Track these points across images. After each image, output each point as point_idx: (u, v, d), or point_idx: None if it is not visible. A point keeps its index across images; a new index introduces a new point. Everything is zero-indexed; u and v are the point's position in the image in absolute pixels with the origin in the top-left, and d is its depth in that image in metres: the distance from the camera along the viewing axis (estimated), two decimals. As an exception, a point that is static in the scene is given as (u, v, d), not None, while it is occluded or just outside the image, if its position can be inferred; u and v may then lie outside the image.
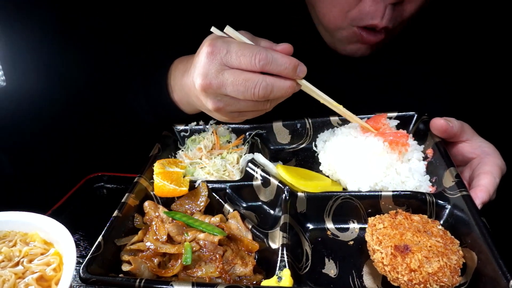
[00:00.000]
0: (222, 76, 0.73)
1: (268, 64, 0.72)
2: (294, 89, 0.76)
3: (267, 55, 0.72)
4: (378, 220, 0.72)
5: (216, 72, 0.74)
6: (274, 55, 0.72)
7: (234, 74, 0.73)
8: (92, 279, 0.67)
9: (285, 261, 0.68)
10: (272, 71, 0.73)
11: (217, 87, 0.74)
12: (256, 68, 0.72)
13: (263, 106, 0.78)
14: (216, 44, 0.74)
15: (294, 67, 0.74)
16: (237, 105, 0.77)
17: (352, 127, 0.96)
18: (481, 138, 0.85)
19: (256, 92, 0.72)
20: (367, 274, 0.71)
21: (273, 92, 0.74)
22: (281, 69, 0.73)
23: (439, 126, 0.83)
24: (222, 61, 0.73)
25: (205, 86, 0.75)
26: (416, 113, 0.95)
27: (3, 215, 0.76)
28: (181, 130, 1.05)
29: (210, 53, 0.74)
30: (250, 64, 0.72)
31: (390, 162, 0.84)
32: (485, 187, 0.74)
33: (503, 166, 0.79)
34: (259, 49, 0.72)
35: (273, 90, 0.73)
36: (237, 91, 0.73)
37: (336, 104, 0.85)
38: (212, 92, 0.76)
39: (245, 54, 0.72)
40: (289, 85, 0.75)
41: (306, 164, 0.98)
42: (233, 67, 0.73)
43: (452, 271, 0.62)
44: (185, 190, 0.84)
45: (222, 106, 0.78)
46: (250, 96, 0.73)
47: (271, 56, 0.72)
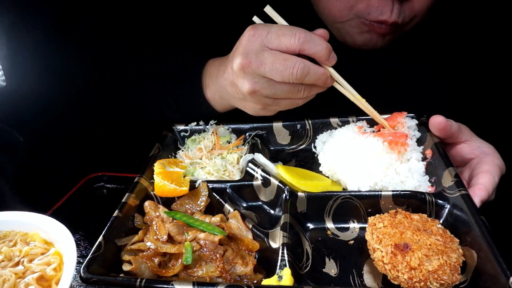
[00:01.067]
0: (262, 55, 0.76)
1: (307, 42, 0.75)
2: (327, 77, 0.79)
3: (306, 34, 0.75)
4: (378, 219, 0.72)
5: (256, 52, 0.77)
6: (313, 35, 0.76)
7: (274, 54, 0.76)
8: (93, 279, 0.66)
9: (285, 260, 0.68)
10: (310, 50, 0.76)
11: (256, 66, 0.77)
12: (296, 46, 0.75)
13: (297, 94, 0.80)
14: (258, 27, 0.78)
15: (330, 50, 0.77)
16: (273, 89, 0.79)
17: (351, 128, 0.96)
18: (479, 139, 0.86)
19: (295, 72, 0.75)
20: (367, 273, 0.71)
21: (309, 75, 0.76)
22: (318, 48, 0.76)
23: (437, 124, 0.84)
24: (263, 42, 0.77)
25: (244, 65, 0.78)
26: (415, 115, 0.95)
27: (3, 215, 0.76)
28: (181, 130, 1.05)
29: (252, 35, 0.78)
30: (290, 43, 0.75)
31: (390, 162, 0.84)
32: (483, 186, 0.74)
33: (502, 166, 0.80)
34: (298, 29, 0.76)
35: (310, 72, 0.76)
36: (276, 70, 0.76)
37: (359, 97, 0.87)
38: (251, 72, 0.78)
39: (285, 33, 0.75)
40: (323, 71, 0.78)
41: (306, 164, 0.98)
42: (274, 48, 0.76)
43: (452, 269, 0.62)
44: (185, 190, 0.85)
45: (258, 89, 0.80)
46: (288, 75, 0.76)
47: (310, 36, 0.75)
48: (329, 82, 0.81)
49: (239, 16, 0.86)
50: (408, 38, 1.04)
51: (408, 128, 0.90)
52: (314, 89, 0.82)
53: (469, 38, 1.06)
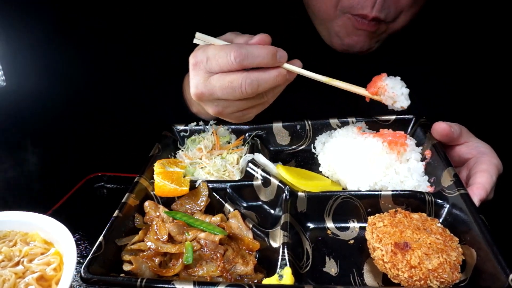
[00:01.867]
0: (209, 83, 0.76)
1: (245, 59, 0.72)
2: (284, 76, 0.77)
3: (240, 51, 0.72)
4: (378, 218, 0.73)
5: (203, 81, 0.77)
6: (248, 48, 0.73)
7: (219, 78, 0.75)
8: (93, 279, 0.66)
9: (286, 259, 0.68)
10: (252, 65, 0.74)
11: (208, 95, 0.77)
12: (235, 67, 0.73)
13: (260, 100, 0.80)
14: (197, 54, 0.77)
15: (273, 54, 0.74)
16: (234, 106, 0.80)
17: (350, 128, 0.97)
18: (477, 139, 0.86)
19: (244, 91, 0.74)
20: (367, 272, 0.72)
21: (261, 86, 0.75)
22: (259, 60, 0.73)
23: (441, 130, 0.84)
24: (206, 69, 0.76)
25: (198, 96, 0.79)
26: (414, 116, 0.96)
27: (3, 215, 0.76)
28: (181, 130, 1.05)
29: (194, 65, 0.77)
30: (229, 64, 0.73)
31: (389, 162, 0.85)
32: (482, 185, 0.75)
33: (499, 165, 0.80)
34: (232, 47, 0.73)
35: (260, 83, 0.74)
36: (226, 94, 0.75)
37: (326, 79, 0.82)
38: (206, 99, 0.79)
39: (221, 56, 0.73)
40: (275, 74, 0.75)
41: (305, 165, 0.98)
42: (217, 71, 0.75)
43: (452, 268, 0.62)
44: (185, 190, 0.85)
45: (221, 110, 0.81)
46: (240, 95, 0.75)
47: (245, 51, 0.72)
48: (290, 78, 0.79)
49: (236, 18, 0.86)
50: (406, 39, 1.05)
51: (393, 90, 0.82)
52: (276, 89, 0.80)
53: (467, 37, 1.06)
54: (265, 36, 0.76)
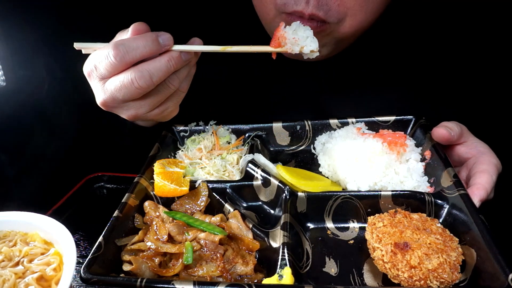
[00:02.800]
0: (106, 90, 0.74)
1: (125, 55, 0.69)
2: (177, 59, 0.73)
3: (118, 48, 0.69)
4: (377, 218, 0.73)
5: (101, 89, 0.75)
6: (126, 43, 0.69)
7: (112, 81, 0.73)
8: (93, 279, 0.66)
9: (286, 259, 0.68)
10: (136, 58, 0.70)
11: (111, 100, 0.75)
12: (120, 66, 0.70)
13: (168, 91, 0.76)
14: (86, 65, 0.75)
15: (153, 41, 0.70)
16: (144, 105, 0.76)
17: (350, 129, 0.97)
18: (476, 138, 0.86)
19: (138, 85, 0.71)
20: (367, 272, 0.72)
21: (154, 76, 0.71)
22: (140, 51, 0.70)
23: (441, 136, 0.83)
24: (98, 77, 0.74)
25: (104, 105, 0.77)
26: (414, 117, 0.96)
27: (3, 215, 0.76)
28: (181, 130, 1.05)
29: (88, 76, 0.76)
30: (113, 65, 0.70)
31: (389, 162, 0.85)
32: (482, 185, 0.75)
33: (499, 164, 0.81)
34: (109, 47, 0.70)
35: (152, 74, 0.71)
36: (125, 94, 0.73)
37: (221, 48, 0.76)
38: (113, 106, 0.77)
39: (102, 60, 0.71)
40: (166, 60, 0.72)
41: (305, 165, 0.99)
42: (107, 76, 0.73)
43: (452, 268, 0.62)
44: (185, 190, 0.85)
45: (134, 113, 0.78)
46: (137, 92, 0.72)
47: (123, 46, 0.69)
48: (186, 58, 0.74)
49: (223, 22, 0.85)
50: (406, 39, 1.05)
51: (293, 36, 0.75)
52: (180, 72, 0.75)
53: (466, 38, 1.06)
54: (139, 25, 0.72)
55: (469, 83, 1.08)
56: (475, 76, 1.08)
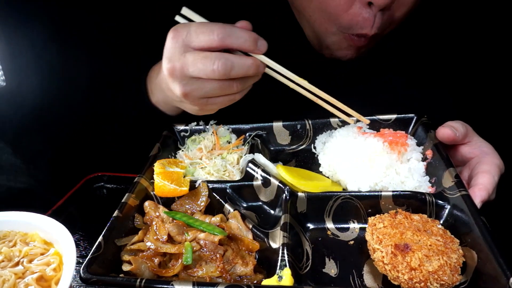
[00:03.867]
0: (184, 57, 0.75)
1: (227, 37, 0.72)
2: (257, 67, 0.76)
3: (225, 29, 0.72)
4: (378, 219, 0.72)
5: (179, 54, 0.75)
6: (232, 28, 0.73)
7: (195, 54, 0.74)
8: (93, 279, 0.66)
9: (285, 260, 0.68)
10: (232, 45, 0.74)
11: (180, 69, 0.75)
12: (216, 42, 0.73)
13: (230, 89, 0.78)
14: (178, 28, 0.76)
15: (254, 39, 0.74)
16: (203, 88, 0.78)
17: (351, 128, 0.96)
18: (480, 138, 0.85)
19: (216, 69, 0.73)
20: (367, 273, 0.71)
21: (234, 69, 0.74)
22: (240, 41, 0.73)
23: (446, 136, 0.83)
24: (184, 42, 0.75)
25: (170, 70, 0.77)
26: (415, 115, 0.95)
27: (3, 215, 0.76)
28: (181, 130, 1.05)
29: (172, 38, 0.76)
30: (209, 39, 0.72)
31: (390, 162, 0.84)
32: (484, 186, 0.74)
33: (502, 166, 0.80)
34: (216, 24, 0.73)
35: (234, 66, 0.74)
36: (198, 69, 0.74)
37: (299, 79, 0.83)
38: (178, 75, 0.77)
39: (203, 31, 0.73)
40: (250, 62, 0.75)
41: (306, 165, 0.98)
42: (195, 47, 0.74)
43: (452, 270, 0.62)
44: (185, 190, 0.84)
45: (189, 91, 0.79)
46: (211, 73, 0.73)
47: (230, 29, 0.73)
48: (261, 69, 0.78)
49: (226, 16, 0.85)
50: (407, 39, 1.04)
51: None
52: (248, 80, 0.79)
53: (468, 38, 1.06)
54: (246, 23, 0.76)
55: (473, 82, 1.07)
56: (479, 75, 1.07)
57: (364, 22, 0.89)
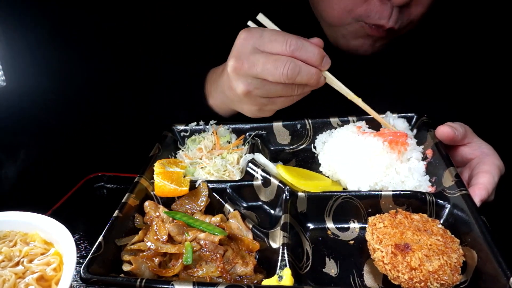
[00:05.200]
0: (253, 57, 0.78)
1: (298, 50, 0.76)
2: (319, 78, 0.81)
3: (297, 41, 0.77)
4: (378, 219, 0.72)
5: (249, 54, 0.79)
6: (304, 42, 0.77)
7: (266, 55, 0.78)
8: (93, 279, 0.66)
9: (285, 260, 0.68)
10: (301, 57, 0.77)
11: (248, 67, 0.79)
12: (287, 53, 0.77)
13: (291, 91, 0.82)
14: (252, 30, 0.80)
15: (321, 56, 0.79)
16: (266, 89, 0.81)
17: (351, 128, 0.96)
18: (480, 139, 0.86)
19: (285, 72, 0.76)
20: (367, 273, 0.71)
21: (300, 74, 0.78)
22: (309, 55, 0.78)
23: (445, 134, 0.84)
24: (255, 44, 0.79)
25: (237, 67, 0.80)
26: (415, 114, 0.95)
27: (3, 215, 0.76)
28: (181, 130, 1.05)
29: (245, 38, 0.79)
30: (281, 49, 0.77)
31: (390, 162, 0.84)
32: (483, 185, 0.74)
33: (502, 166, 0.80)
34: (290, 36, 0.77)
35: (301, 72, 0.77)
36: (267, 70, 0.77)
37: (355, 96, 0.88)
38: (244, 73, 0.80)
39: (277, 39, 0.77)
40: (315, 70, 0.79)
41: (306, 164, 0.98)
42: (265, 51, 0.78)
43: (453, 269, 0.62)
44: (185, 190, 0.84)
45: (252, 89, 0.82)
46: (279, 75, 0.77)
47: (302, 43, 0.77)
48: (322, 82, 0.82)
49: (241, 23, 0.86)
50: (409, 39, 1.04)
51: None
52: (307, 87, 0.83)
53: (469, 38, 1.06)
54: (319, 41, 0.81)
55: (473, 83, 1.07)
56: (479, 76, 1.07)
57: (382, 12, 0.92)
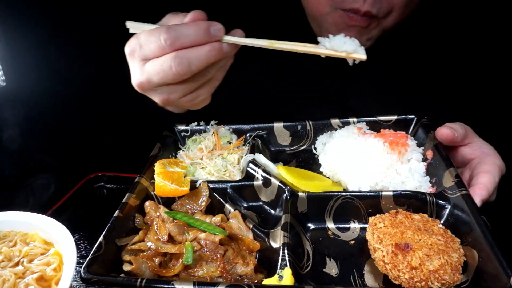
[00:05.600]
0: (145, 71, 0.74)
1: (176, 40, 0.70)
2: (218, 50, 0.73)
3: (170, 32, 0.70)
4: (378, 219, 0.72)
5: (139, 70, 0.75)
6: (178, 29, 0.70)
7: (152, 64, 0.73)
8: (93, 279, 0.66)
9: (286, 260, 0.68)
10: (185, 44, 0.71)
11: (147, 82, 0.75)
12: (168, 49, 0.71)
13: (204, 79, 0.77)
14: (131, 43, 0.75)
15: (205, 30, 0.71)
16: (178, 91, 0.77)
17: (351, 129, 0.96)
18: (480, 139, 0.86)
19: (176, 72, 0.71)
20: (368, 273, 0.71)
21: (193, 64, 0.71)
22: (191, 38, 0.70)
23: (444, 136, 0.83)
24: (140, 57, 0.74)
25: (139, 86, 0.77)
26: (415, 116, 0.96)
27: (3, 215, 0.76)
28: (182, 130, 1.05)
29: (129, 54, 0.75)
30: (161, 48, 0.71)
31: (390, 162, 0.85)
32: (484, 185, 0.74)
33: (502, 166, 0.80)
34: (161, 30, 0.70)
35: (191, 62, 0.71)
36: (162, 78, 0.73)
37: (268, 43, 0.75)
38: (148, 88, 0.77)
39: (151, 41, 0.71)
40: (207, 49, 0.72)
41: (306, 165, 0.98)
42: (150, 57, 0.73)
43: (453, 269, 0.62)
44: (186, 190, 0.84)
45: (166, 97, 0.78)
46: (174, 77, 0.72)
47: (175, 32, 0.70)
48: (226, 50, 0.74)
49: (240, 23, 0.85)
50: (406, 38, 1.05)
51: None
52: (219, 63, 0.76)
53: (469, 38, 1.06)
54: (198, 13, 0.73)
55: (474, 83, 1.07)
56: (479, 76, 1.07)
57: None
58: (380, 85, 1.09)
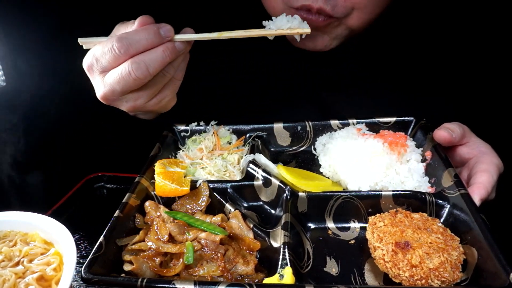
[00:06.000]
0: (106, 82, 0.76)
1: (129, 47, 0.72)
2: (172, 49, 0.75)
3: (122, 41, 0.71)
4: (378, 218, 0.73)
5: (101, 82, 0.76)
6: (129, 36, 0.72)
7: (111, 74, 0.74)
8: (94, 279, 0.66)
9: (286, 259, 0.68)
10: (139, 50, 0.73)
11: (110, 93, 0.76)
12: (123, 57, 0.72)
13: (164, 80, 0.78)
14: (87, 59, 0.77)
15: (155, 33, 0.73)
16: (142, 96, 0.78)
17: (350, 130, 0.97)
18: (478, 138, 0.87)
19: (135, 77, 0.73)
20: (368, 272, 0.72)
21: (150, 66, 0.73)
22: (143, 43, 0.72)
23: (442, 138, 0.84)
24: (99, 70, 0.76)
25: (104, 98, 0.78)
26: (414, 118, 0.96)
27: (3, 215, 0.76)
28: (182, 130, 1.05)
29: (88, 69, 0.77)
30: (116, 57, 0.72)
31: (390, 162, 0.85)
32: (482, 184, 0.75)
33: (500, 165, 0.81)
34: (112, 40, 0.72)
35: (148, 64, 0.73)
36: (123, 86, 0.74)
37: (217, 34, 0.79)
38: (113, 99, 0.78)
39: (106, 52, 0.73)
40: (161, 50, 0.73)
41: (306, 166, 0.98)
42: (109, 69, 0.75)
43: (453, 267, 0.62)
44: (186, 190, 0.85)
45: (133, 104, 0.79)
46: (134, 83, 0.74)
47: (126, 40, 0.71)
48: (179, 48, 0.76)
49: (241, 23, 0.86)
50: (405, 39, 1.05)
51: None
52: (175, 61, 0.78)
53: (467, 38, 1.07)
54: (145, 18, 0.75)
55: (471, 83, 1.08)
56: (477, 76, 1.08)
57: None
58: (379, 86, 1.10)
